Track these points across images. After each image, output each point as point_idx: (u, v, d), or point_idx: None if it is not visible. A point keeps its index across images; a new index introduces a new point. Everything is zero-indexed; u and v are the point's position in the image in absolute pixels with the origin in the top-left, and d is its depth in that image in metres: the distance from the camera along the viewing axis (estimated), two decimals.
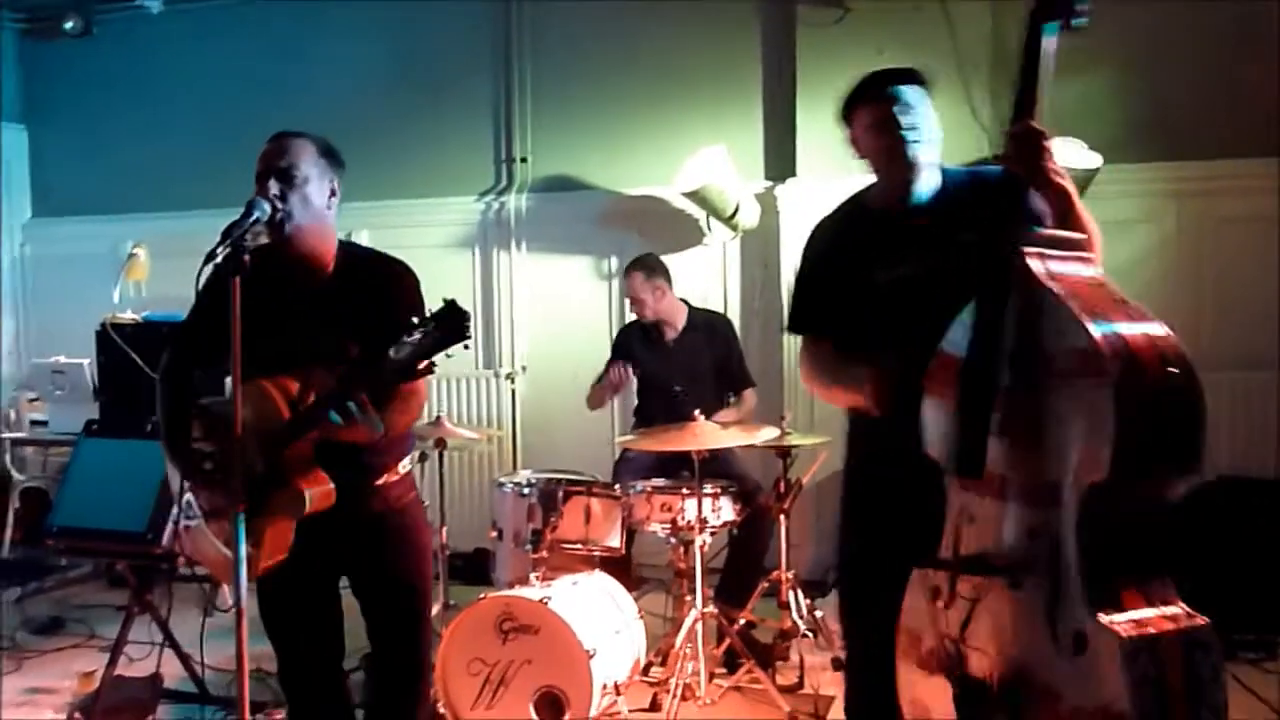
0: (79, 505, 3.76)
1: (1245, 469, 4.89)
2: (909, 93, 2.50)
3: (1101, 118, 5.08)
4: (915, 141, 2.48)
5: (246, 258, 2.38)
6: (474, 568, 5.40)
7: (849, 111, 2.59)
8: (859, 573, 2.68)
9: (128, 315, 5.18)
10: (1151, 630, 1.96)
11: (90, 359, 5.16)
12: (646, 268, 4.79)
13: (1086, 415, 1.97)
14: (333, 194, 2.66)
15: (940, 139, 2.53)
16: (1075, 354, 1.99)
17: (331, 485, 2.52)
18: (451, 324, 2.24)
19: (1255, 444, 4.99)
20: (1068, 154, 4.79)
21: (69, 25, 6.59)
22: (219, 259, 2.43)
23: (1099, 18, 4.99)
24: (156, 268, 5.71)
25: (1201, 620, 2.01)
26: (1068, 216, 2.29)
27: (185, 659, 3.94)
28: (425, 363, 2.28)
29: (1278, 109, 4.97)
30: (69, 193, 7.12)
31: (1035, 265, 2.13)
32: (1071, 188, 2.30)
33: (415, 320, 2.26)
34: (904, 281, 2.50)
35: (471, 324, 2.24)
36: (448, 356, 2.25)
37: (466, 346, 2.26)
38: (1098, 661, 1.94)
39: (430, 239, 6.11)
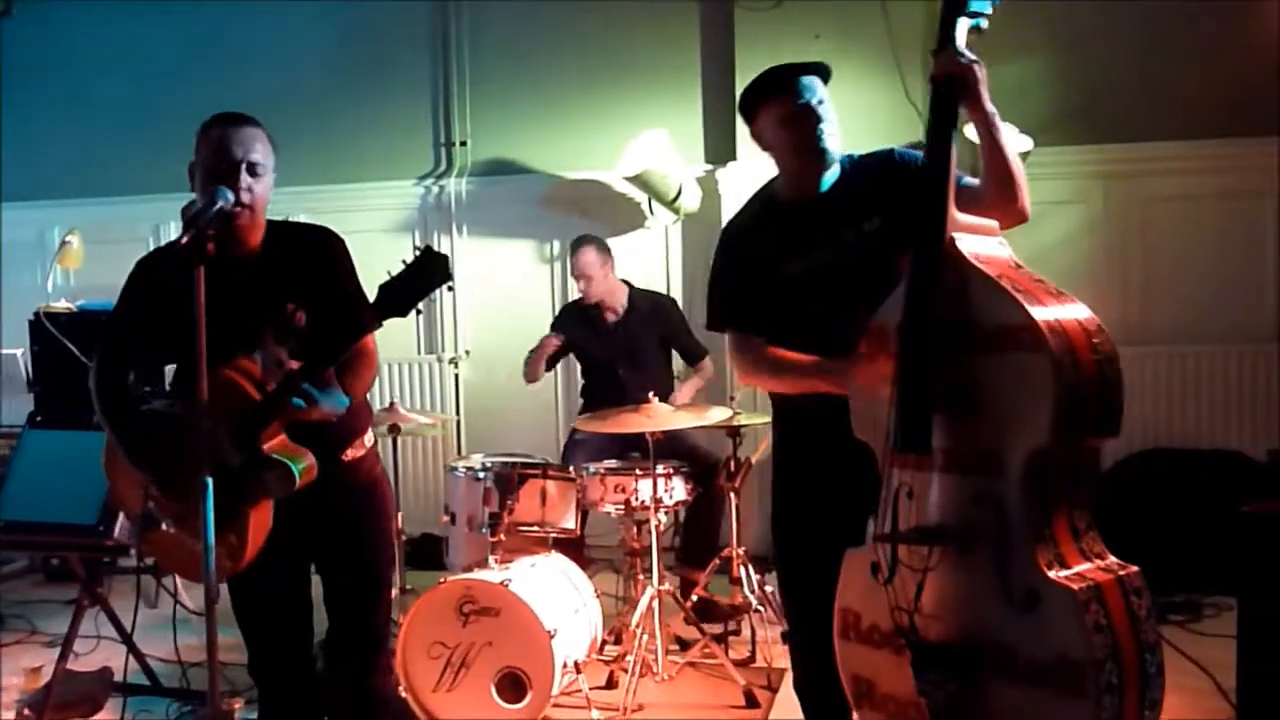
0: (26, 499, 3.69)
1: (1170, 440, 5.11)
2: (816, 86, 2.55)
3: (1032, 102, 5.22)
4: (829, 135, 2.53)
5: (211, 246, 2.35)
6: (422, 553, 5.40)
7: (752, 106, 2.62)
8: (793, 557, 2.74)
9: (62, 304, 5.07)
10: (1094, 580, 2.10)
11: (24, 349, 5.05)
12: (597, 244, 4.84)
13: (1026, 386, 2.10)
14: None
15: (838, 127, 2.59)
16: (1012, 330, 2.12)
17: (312, 458, 2.52)
18: (433, 267, 2.30)
19: (1180, 416, 5.21)
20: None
21: None
22: (181, 246, 2.36)
23: (1030, 6, 5.17)
24: (84, 254, 5.59)
25: (1132, 568, 2.18)
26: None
27: (137, 652, 3.89)
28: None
29: (1199, 94, 5.17)
30: None
31: (964, 247, 2.24)
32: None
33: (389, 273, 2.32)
34: (817, 271, 2.57)
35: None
36: (431, 300, 2.29)
37: (450, 288, 2.32)
38: (1050, 615, 2.06)
39: (369, 223, 6.05)
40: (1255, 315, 5.24)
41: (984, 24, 2.36)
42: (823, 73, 2.60)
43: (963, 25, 2.34)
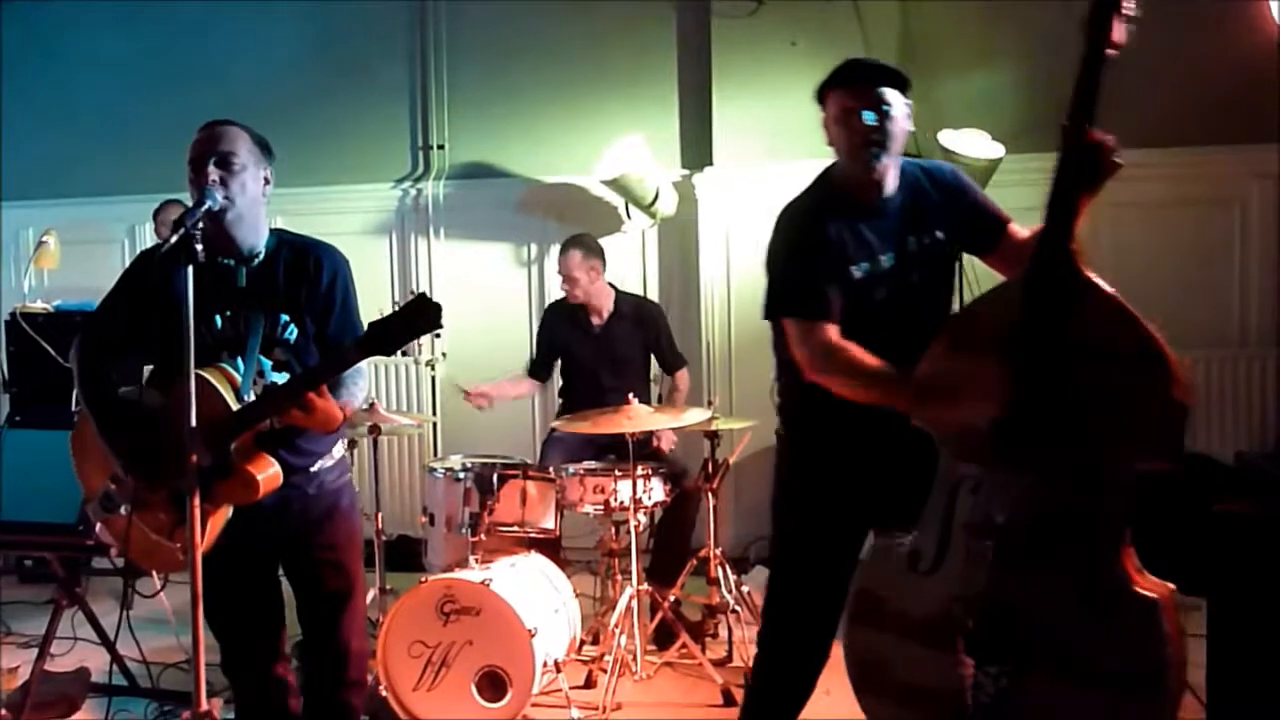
0: (4, 498, 3.68)
1: None
2: (884, 93, 2.53)
3: (1003, 109, 5.31)
4: (877, 145, 2.52)
5: (199, 247, 2.37)
6: (398, 554, 5.39)
7: (824, 93, 2.61)
8: (809, 543, 2.73)
9: (38, 304, 5.06)
10: (1162, 592, 2.20)
11: None
12: (585, 246, 4.84)
13: (1136, 405, 2.17)
14: (266, 183, 2.68)
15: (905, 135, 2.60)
16: (1130, 349, 2.18)
17: (278, 467, 2.55)
18: (425, 314, 2.32)
19: None
20: (972, 144, 5.01)
21: None
22: (169, 247, 2.38)
23: (1004, 13, 5.24)
24: (60, 255, 5.57)
25: (1170, 585, 2.26)
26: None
27: (114, 652, 3.89)
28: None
29: (1168, 103, 5.26)
30: None
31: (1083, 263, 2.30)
32: None
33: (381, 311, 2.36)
34: (881, 276, 2.58)
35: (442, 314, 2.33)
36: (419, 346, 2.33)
37: (438, 335, 2.35)
38: (1129, 622, 2.15)
39: (346, 226, 6.05)
40: (1222, 321, 5.34)
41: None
42: (900, 82, 2.57)
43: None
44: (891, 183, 2.61)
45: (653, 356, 4.98)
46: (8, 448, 3.81)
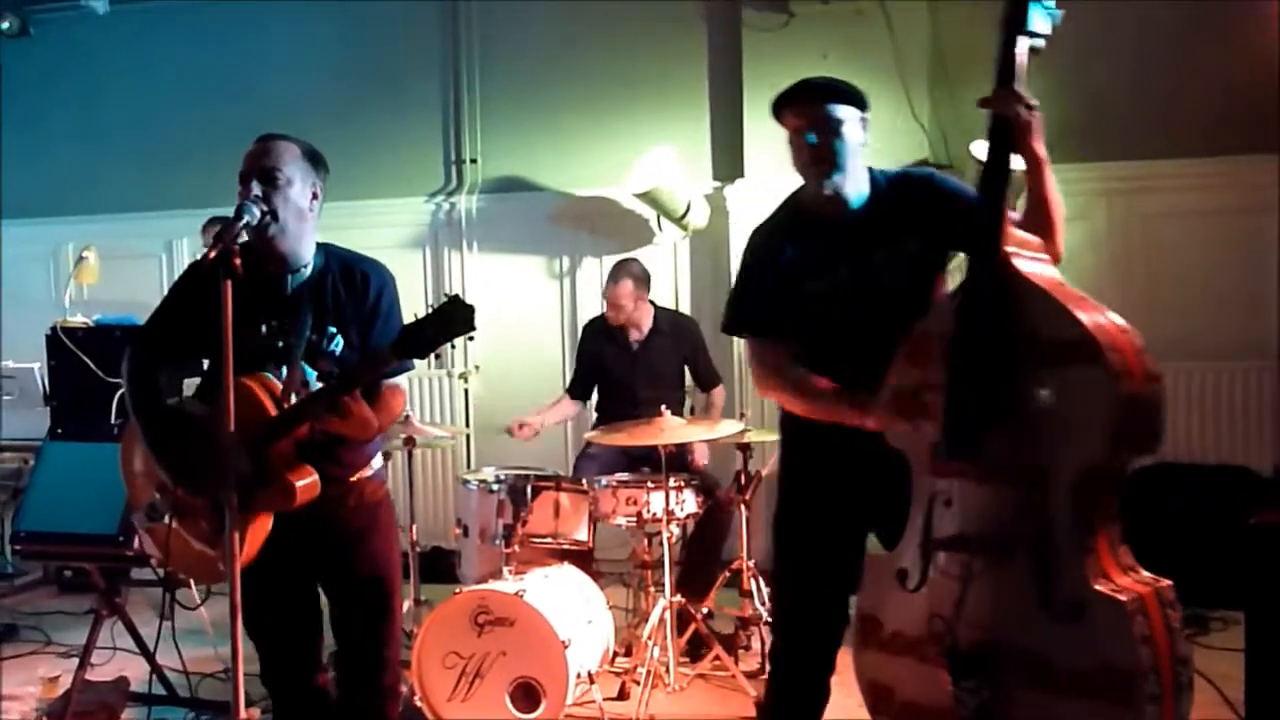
0: (46, 509, 3.74)
1: (1175, 455, 5.14)
2: (831, 111, 2.54)
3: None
4: (825, 164, 2.53)
5: (238, 261, 2.40)
6: (432, 566, 5.42)
7: (777, 113, 2.63)
8: (792, 559, 2.76)
9: (78, 319, 5.13)
10: (1138, 593, 2.14)
11: (40, 363, 5.10)
12: (635, 277, 4.84)
13: (1083, 401, 2.12)
14: (314, 197, 2.71)
15: (863, 148, 2.60)
16: (1070, 344, 2.14)
17: (316, 476, 2.58)
18: (457, 316, 2.36)
19: (1185, 431, 5.24)
20: None
21: (5, 25, 6.46)
22: (208, 261, 2.42)
23: None
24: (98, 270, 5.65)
25: (1165, 581, 2.22)
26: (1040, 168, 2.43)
27: (153, 662, 3.93)
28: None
29: (1201, 112, 5.23)
30: (7, 195, 6.99)
31: (1020, 264, 2.27)
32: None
33: (415, 315, 2.40)
34: (846, 290, 2.59)
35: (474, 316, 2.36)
36: (452, 347, 2.35)
37: (471, 338, 2.38)
38: (1097, 626, 2.09)
39: (380, 240, 6.08)
40: (1258, 331, 5.27)
41: (1042, 44, 2.38)
42: (850, 97, 2.58)
43: (1022, 48, 2.34)
44: (854, 196, 2.61)
45: (689, 372, 4.98)
46: (49, 459, 3.87)
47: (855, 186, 2.61)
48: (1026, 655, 2.18)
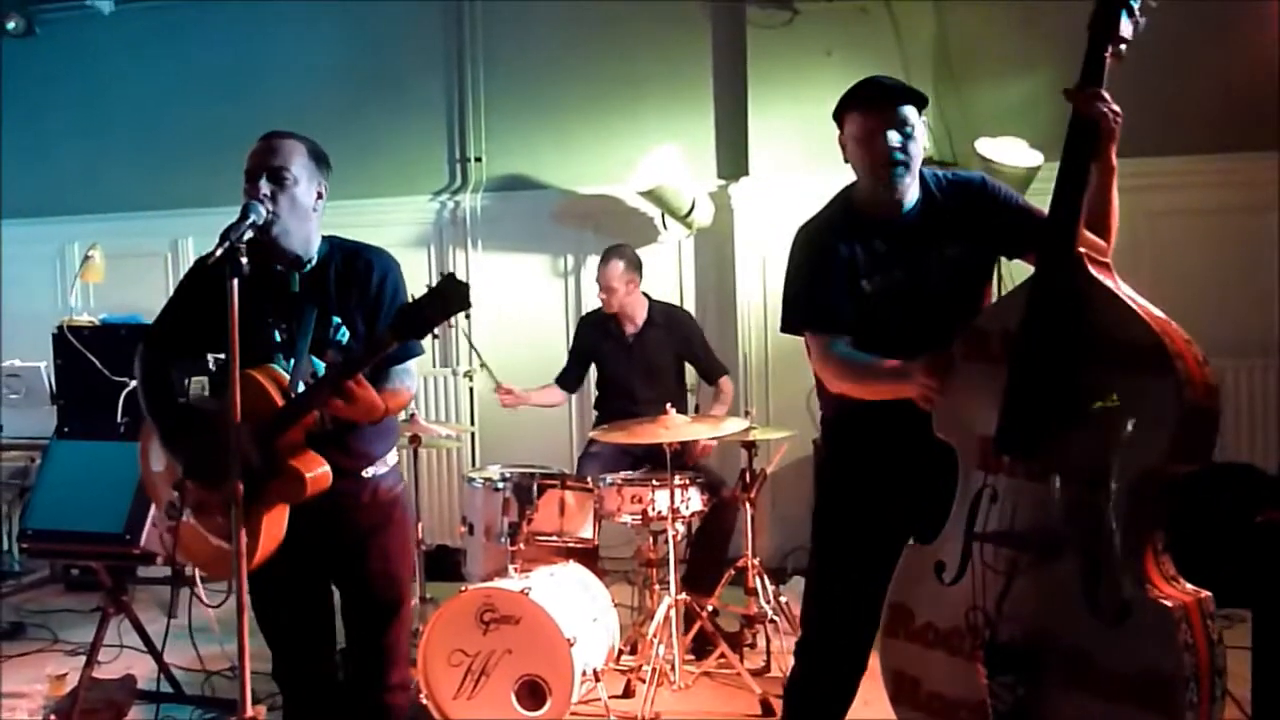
0: (53, 508, 3.75)
1: None
2: (906, 113, 2.54)
3: (1042, 117, 5.25)
4: (902, 165, 2.54)
5: (244, 259, 2.40)
6: (437, 564, 5.44)
7: (842, 113, 2.62)
8: (835, 553, 2.75)
9: (84, 318, 5.15)
10: (1182, 601, 2.14)
11: (46, 362, 5.12)
12: (626, 258, 4.85)
13: (1148, 406, 2.12)
14: (319, 195, 2.72)
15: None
16: (1140, 350, 2.14)
17: (328, 466, 2.58)
18: (453, 293, 2.37)
19: None
20: (1010, 152, 4.99)
21: (11, 25, 6.48)
22: (214, 259, 2.42)
23: (1039, 19, 5.22)
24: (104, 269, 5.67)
25: (1206, 592, 2.20)
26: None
27: (160, 660, 3.94)
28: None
29: (1203, 110, 5.23)
30: (12, 194, 7.01)
31: (1093, 267, 2.28)
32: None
33: (413, 296, 2.40)
34: (898, 293, 2.59)
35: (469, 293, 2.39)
36: (449, 326, 2.36)
37: (468, 315, 2.38)
38: (1142, 630, 2.09)
39: (385, 238, 5.93)
40: (1260, 329, 5.27)
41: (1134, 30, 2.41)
42: (920, 99, 2.58)
43: (1125, 25, 2.39)
44: (910, 198, 2.62)
45: (691, 366, 4.98)
46: (55, 458, 3.88)
47: (913, 188, 2.62)
48: (1068, 654, 2.18)
